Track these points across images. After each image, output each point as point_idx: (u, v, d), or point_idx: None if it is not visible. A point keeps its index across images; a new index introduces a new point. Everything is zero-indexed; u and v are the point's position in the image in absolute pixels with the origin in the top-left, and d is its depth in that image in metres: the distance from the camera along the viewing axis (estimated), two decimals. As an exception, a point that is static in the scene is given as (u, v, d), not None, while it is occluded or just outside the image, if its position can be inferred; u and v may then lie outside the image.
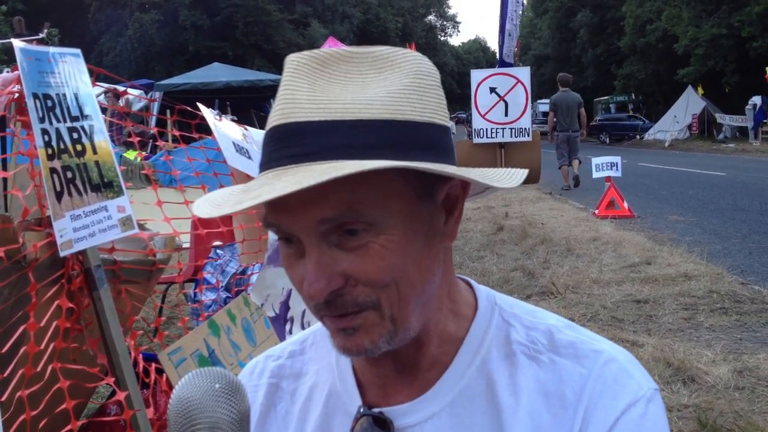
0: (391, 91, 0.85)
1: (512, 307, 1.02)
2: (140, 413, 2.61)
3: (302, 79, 0.85)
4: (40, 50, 2.50)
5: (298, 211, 0.83)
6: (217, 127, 3.25)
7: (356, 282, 0.85)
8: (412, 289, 0.88)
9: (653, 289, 6.74)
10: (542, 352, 0.96)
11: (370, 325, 0.87)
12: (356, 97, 0.83)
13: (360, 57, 0.87)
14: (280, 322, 3.36)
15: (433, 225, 0.90)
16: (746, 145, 31.74)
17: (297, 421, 1.05)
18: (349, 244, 0.84)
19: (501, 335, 0.98)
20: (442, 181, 0.90)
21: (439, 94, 0.90)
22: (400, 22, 67.16)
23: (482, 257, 8.68)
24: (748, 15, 36.24)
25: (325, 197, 0.81)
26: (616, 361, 0.94)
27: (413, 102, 0.85)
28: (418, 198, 0.87)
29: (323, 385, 1.04)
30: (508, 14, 19.08)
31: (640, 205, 13.09)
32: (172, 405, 0.82)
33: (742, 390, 4.36)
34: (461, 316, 0.99)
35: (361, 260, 0.84)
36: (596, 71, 57.15)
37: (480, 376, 0.95)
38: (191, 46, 46.90)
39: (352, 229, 0.83)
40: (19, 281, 2.32)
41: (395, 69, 0.87)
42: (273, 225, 0.87)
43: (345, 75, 0.86)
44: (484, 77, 17.55)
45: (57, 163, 2.40)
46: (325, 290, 0.84)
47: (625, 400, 0.90)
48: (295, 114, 0.83)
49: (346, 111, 0.82)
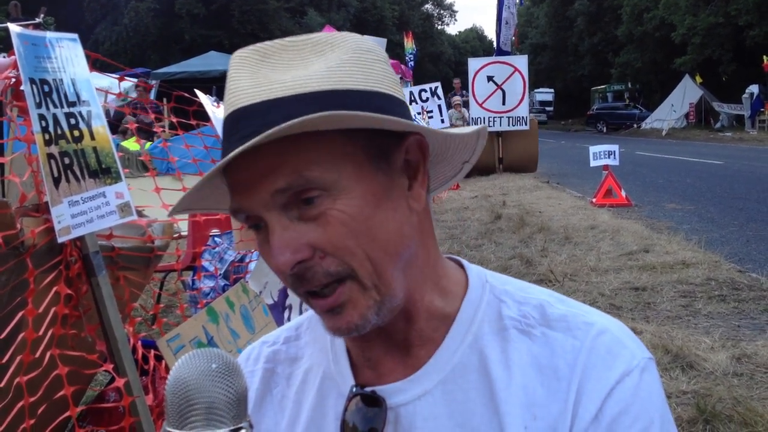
0: (330, 66, 0.87)
1: (504, 284, 1.02)
2: (139, 400, 2.61)
3: (245, 70, 0.88)
4: (37, 35, 2.48)
5: (252, 187, 0.85)
6: (215, 113, 3.23)
7: (324, 253, 0.86)
8: (385, 254, 0.88)
9: (651, 277, 6.76)
10: (534, 326, 0.96)
11: (356, 299, 0.88)
12: (296, 74, 0.86)
13: (301, 44, 0.90)
14: (278, 310, 3.35)
15: (393, 188, 0.90)
16: (743, 134, 31.78)
17: (293, 404, 1.05)
18: (309, 213, 0.85)
19: (492, 311, 0.98)
20: (396, 144, 0.91)
21: (384, 68, 0.92)
22: (397, 11, 66.87)
23: (480, 246, 8.69)
24: (745, 4, 36.22)
25: (274, 169, 0.83)
26: (609, 331, 0.94)
27: (353, 74, 0.87)
28: (370, 160, 0.88)
29: (318, 368, 1.05)
30: (505, 2, 19.05)
31: (638, 194, 13.11)
32: (169, 386, 0.81)
33: (740, 376, 4.38)
34: (451, 292, 0.99)
35: (322, 229, 0.85)
36: (593, 60, 57.15)
37: (472, 352, 0.95)
38: (187, 35, 46.69)
39: (308, 198, 0.84)
40: (17, 267, 2.31)
41: (335, 49, 0.89)
42: (237, 210, 0.89)
43: (287, 62, 0.88)
44: (481, 66, 17.55)
45: (54, 149, 2.38)
46: (290, 261, 0.85)
47: (618, 369, 0.90)
48: (240, 101, 0.86)
49: (287, 88, 0.84)
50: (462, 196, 12.94)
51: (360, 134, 0.86)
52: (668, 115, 38.09)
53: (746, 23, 36.72)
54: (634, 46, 48.68)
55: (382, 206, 0.88)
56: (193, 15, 46.72)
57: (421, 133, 0.93)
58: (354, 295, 0.88)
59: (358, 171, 0.87)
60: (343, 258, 0.86)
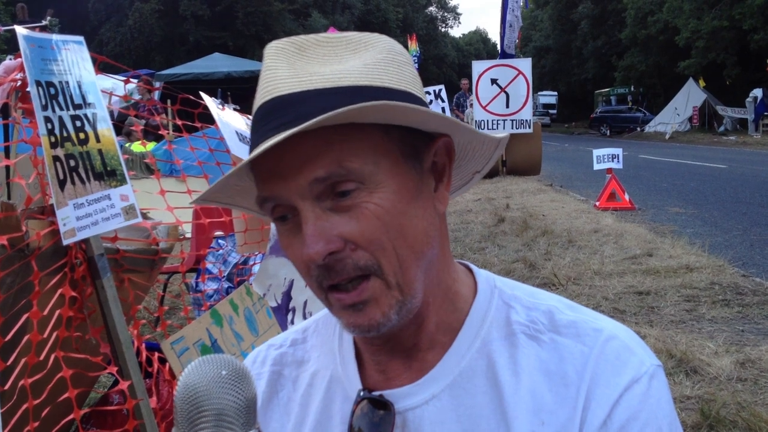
0: (367, 63, 0.88)
1: (512, 289, 1.02)
2: (143, 402, 2.60)
3: (282, 60, 0.89)
4: (43, 37, 2.48)
5: (290, 175, 0.85)
6: (220, 116, 3.23)
7: (355, 246, 0.86)
8: (411, 252, 0.89)
9: (655, 281, 6.74)
10: (543, 332, 0.96)
11: (378, 297, 0.88)
12: (334, 68, 0.87)
13: (336, 41, 0.92)
14: (282, 312, 3.35)
15: (423, 188, 0.92)
16: (747, 137, 31.72)
17: (299, 407, 1.05)
18: (343, 204, 0.85)
19: (501, 317, 0.98)
20: (425, 145, 0.92)
21: (413, 72, 0.94)
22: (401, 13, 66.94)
23: (483, 249, 8.68)
24: (750, 7, 36.14)
25: (315, 158, 0.84)
26: (618, 338, 0.94)
27: (389, 72, 0.89)
28: (405, 158, 0.89)
29: (325, 371, 1.05)
30: (510, 5, 19.04)
31: (641, 197, 13.09)
32: (179, 392, 0.81)
33: (744, 381, 4.37)
34: (460, 297, 1.00)
35: (356, 221, 0.85)
36: (597, 63, 57.12)
37: (480, 357, 0.96)
38: (191, 37, 46.76)
39: (344, 190, 0.85)
40: (22, 270, 2.31)
41: (369, 48, 0.91)
42: (268, 199, 0.89)
43: (323, 56, 0.90)
44: (485, 68, 17.53)
45: (60, 151, 2.38)
46: (323, 251, 0.85)
47: (627, 376, 0.90)
48: (278, 89, 0.86)
49: (326, 80, 0.86)
50: (465, 198, 12.92)
51: (395, 131, 0.88)
52: (672, 119, 38.03)
53: (750, 27, 36.65)
54: (638, 49, 48.64)
55: (413, 204, 0.89)
56: (198, 16, 46.78)
57: (449, 135, 0.95)
58: (377, 292, 0.88)
59: (394, 167, 0.88)
60: (373, 252, 0.86)
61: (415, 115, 0.86)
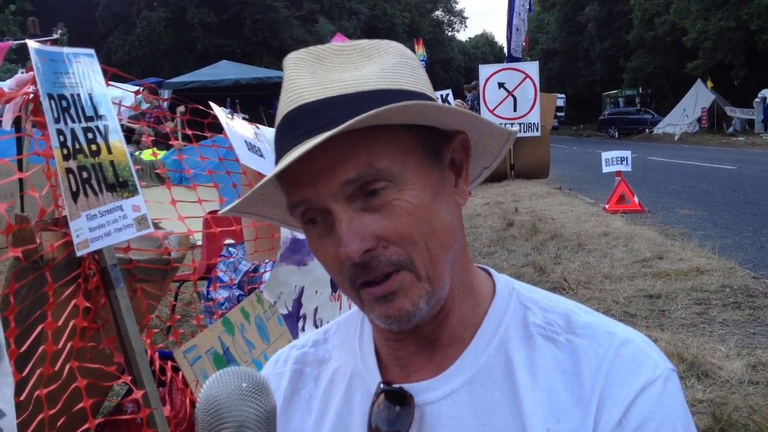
0: (384, 68, 0.93)
1: (530, 292, 1.06)
2: (157, 411, 2.62)
3: (303, 70, 0.92)
4: (54, 51, 2.51)
5: (321, 178, 0.89)
6: (230, 125, 3.25)
7: (387, 243, 0.90)
8: (440, 245, 0.92)
9: (665, 284, 6.72)
10: (559, 333, 0.98)
11: (408, 288, 0.91)
12: (354, 74, 0.92)
13: (349, 49, 0.96)
14: (292, 320, 3.37)
15: (444, 183, 0.96)
16: (756, 138, 31.59)
17: (320, 403, 1.08)
18: (374, 203, 0.89)
19: (518, 318, 1.01)
20: (444, 142, 0.97)
21: (424, 74, 0.99)
22: (407, 18, 66.95)
23: (492, 253, 8.68)
24: (757, 7, 36.02)
25: (345, 160, 0.87)
26: (633, 342, 0.96)
27: (405, 76, 0.94)
28: (428, 156, 0.94)
29: (346, 367, 1.08)
30: (516, 9, 19.03)
31: (651, 200, 13.05)
32: (201, 404, 0.83)
33: (756, 385, 4.35)
34: (480, 296, 1.03)
35: (388, 219, 0.89)
36: (604, 65, 56.99)
37: (498, 354, 0.98)
38: (199, 44, 46.97)
39: (374, 189, 0.88)
40: (37, 281, 2.33)
41: (382, 54, 0.96)
42: (299, 203, 0.92)
43: (339, 64, 0.94)
44: (492, 72, 17.51)
45: (72, 164, 2.41)
46: (359, 249, 0.88)
47: (643, 378, 0.92)
48: (303, 97, 0.90)
49: (348, 86, 0.90)
50: (474, 203, 12.91)
51: (418, 131, 0.92)
52: (680, 120, 37.90)
53: (758, 27, 36.52)
54: (646, 50, 48.54)
55: (438, 199, 0.93)
56: (205, 24, 46.99)
57: (465, 131, 0.99)
58: (407, 284, 0.91)
59: (420, 165, 0.92)
60: (406, 247, 0.90)
61: (440, 113, 0.90)
